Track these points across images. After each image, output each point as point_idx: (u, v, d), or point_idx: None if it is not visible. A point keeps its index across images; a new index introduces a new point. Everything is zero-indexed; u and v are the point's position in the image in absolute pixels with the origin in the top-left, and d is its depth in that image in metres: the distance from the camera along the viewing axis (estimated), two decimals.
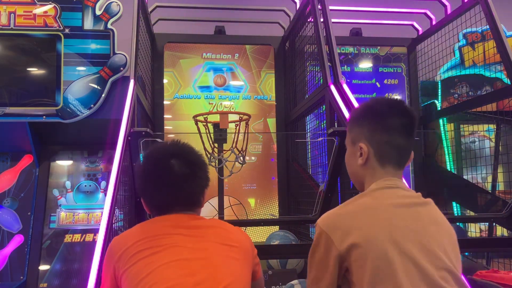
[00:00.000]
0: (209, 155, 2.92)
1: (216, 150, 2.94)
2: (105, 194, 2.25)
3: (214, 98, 3.91)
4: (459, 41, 4.00)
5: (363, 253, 1.00)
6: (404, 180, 1.22)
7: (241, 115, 3.08)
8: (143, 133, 2.16)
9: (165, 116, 3.82)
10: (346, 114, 2.47)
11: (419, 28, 4.14)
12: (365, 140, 1.16)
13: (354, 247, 1.01)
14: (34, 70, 3.29)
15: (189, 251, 1.16)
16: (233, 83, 3.98)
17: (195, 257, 1.16)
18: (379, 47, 4.14)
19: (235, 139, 2.99)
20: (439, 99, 3.92)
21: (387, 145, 1.14)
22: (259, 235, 3.53)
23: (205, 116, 2.97)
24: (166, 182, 1.26)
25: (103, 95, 3.26)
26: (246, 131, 3.00)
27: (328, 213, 1.11)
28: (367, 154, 1.16)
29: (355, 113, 1.23)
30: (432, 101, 3.96)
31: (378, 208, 1.07)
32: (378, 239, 1.01)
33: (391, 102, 1.20)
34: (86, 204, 3.52)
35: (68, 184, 3.54)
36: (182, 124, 3.82)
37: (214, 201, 3.23)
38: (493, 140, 3.51)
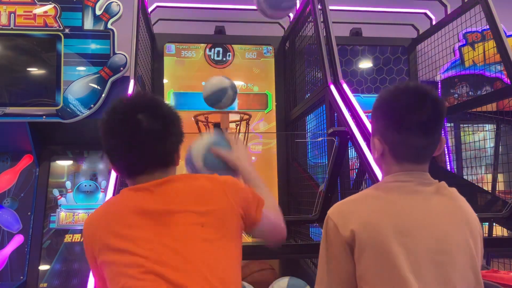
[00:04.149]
0: None
1: None
2: (106, 194, 2.26)
3: None
4: (459, 41, 4.00)
5: (362, 242, 0.98)
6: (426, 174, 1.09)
7: (241, 115, 3.08)
8: None
9: None
10: (346, 114, 2.48)
11: (419, 28, 4.14)
12: (379, 136, 1.09)
13: (355, 234, 0.99)
14: (34, 70, 3.29)
15: (153, 251, 1.02)
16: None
17: (160, 259, 1.01)
18: (379, 47, 4.14)
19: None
20: None
21: (401, 145, 1.05)
22: None
23: (206, 115, 2.97)
24: (133, 141, 1.09)
25: (103, 95, 3.26)
26: (247, 131, 3.00)
27: (337, 203, 1.11)
28: (381, 150, 1.08)
29: (375, 103, 1.13)
30: None
31: (382, 198, 1.04)
32: (378, 227, 0.98)
33: (408, 96, 1.05)
34: (86, 204, 3.52)
35: (68, 184, 3.54)
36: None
37: None
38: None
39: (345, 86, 2.69)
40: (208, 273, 1.02)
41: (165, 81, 3.88)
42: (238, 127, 3.05)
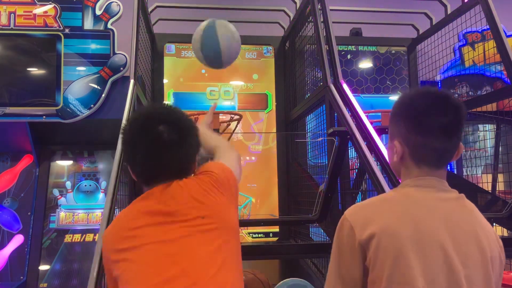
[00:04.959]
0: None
1: None
2: (105, 194, 2.26)
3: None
4: (459, 41, 4.00)
5: (380, 246, 0.96)
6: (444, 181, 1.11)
7: (232, 115, 3.07)
8: None
9: None
10: (346, 114, 2.47)
11: (419, 28, 4.14)
12: (400, 139, 1.09)
13: (372, 238, 0.97)
14: (34, 70, 3.29)
15: (161, 247, 1.11)
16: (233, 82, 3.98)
17: (167, 253, 1.10)
18: (378, 47, 4.14)
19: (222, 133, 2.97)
20: None
21: (422, 147, 1.05)
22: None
23: (195, 116, 2.96)
24: (153, 151, 1.18)
25: (103, 95, 3.26)
26: (233, 131, 2.99)
27: (354, 204, 1.10)
28: (401, 153, 1.08)
29: (393, 107, 1.13)
30: None
31: (402, 203, 1.03)
32: (396, 233, 0.97)
33: (429, 99, 1.07)
34: (86, 204, 3.52)
35: (68, 184, 3.54)
36: None
37: None
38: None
39: (345, 86, 2.69)
40: (209, 261, 1.11)
41: (165, 81, 3.88)
42: (227, 127, 3.03)
